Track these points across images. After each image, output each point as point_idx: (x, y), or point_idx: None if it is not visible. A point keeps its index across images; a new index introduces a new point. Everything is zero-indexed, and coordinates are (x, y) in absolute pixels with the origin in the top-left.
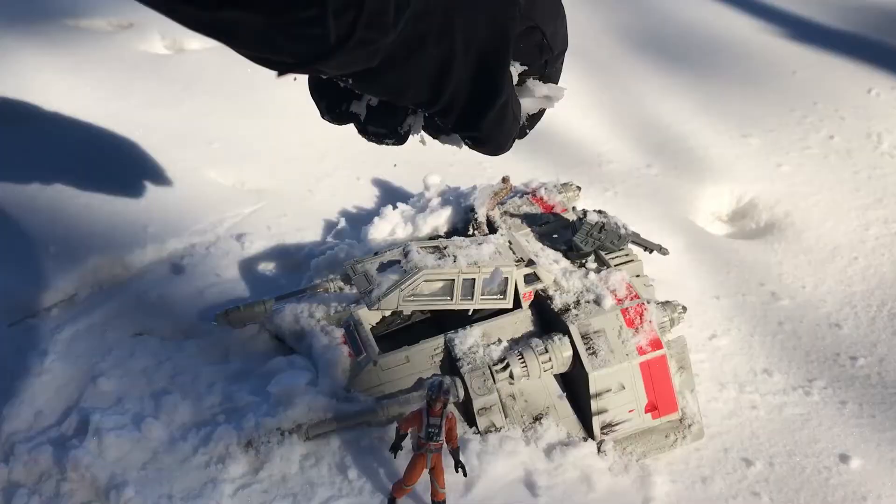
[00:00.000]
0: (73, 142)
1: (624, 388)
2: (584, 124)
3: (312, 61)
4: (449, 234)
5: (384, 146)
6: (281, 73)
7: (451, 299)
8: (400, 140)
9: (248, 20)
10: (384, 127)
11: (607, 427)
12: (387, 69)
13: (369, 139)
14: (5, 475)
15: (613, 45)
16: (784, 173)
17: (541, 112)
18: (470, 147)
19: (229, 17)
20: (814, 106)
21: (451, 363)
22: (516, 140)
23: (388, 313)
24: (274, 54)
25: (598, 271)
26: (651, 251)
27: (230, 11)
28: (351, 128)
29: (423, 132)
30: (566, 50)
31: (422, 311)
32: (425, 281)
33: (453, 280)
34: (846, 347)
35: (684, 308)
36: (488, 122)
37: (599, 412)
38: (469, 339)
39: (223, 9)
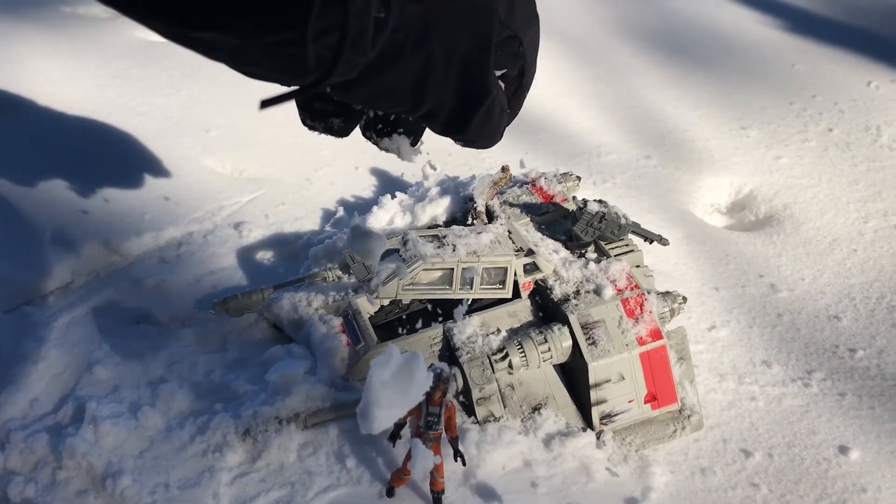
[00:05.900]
0: (70, 129)
1: (623, 378)
2: (583, 115)
3: (306, 80)
4: (448, 224)
5: (316, 133)
6: (264, 105)
7: (451, 288)
8: (341, 130)
9: (224, 41)
10: (336, 112)
11: (606, 417)
12: (365, 79)
13: (311, 121)
14: (1, 463)
15: (612, 37)
16: (783, 165)
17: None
18: (463, 146)
19: (207, 37)
20: (813, 98)
21: (450, 352)
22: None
23: (386, 302)
24: (253, 69)
25: (598, 261)
26: (651, 241)
27: (207, 32)
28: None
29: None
30: (537, 52)
31: (420, 301)
32: (424, 270)
33: (452, 269)
34: (845, 339)
35: (685, 298)
36: (475, 123)
37: (599, 402)
38: (468, 329)
39: (199, 30)
